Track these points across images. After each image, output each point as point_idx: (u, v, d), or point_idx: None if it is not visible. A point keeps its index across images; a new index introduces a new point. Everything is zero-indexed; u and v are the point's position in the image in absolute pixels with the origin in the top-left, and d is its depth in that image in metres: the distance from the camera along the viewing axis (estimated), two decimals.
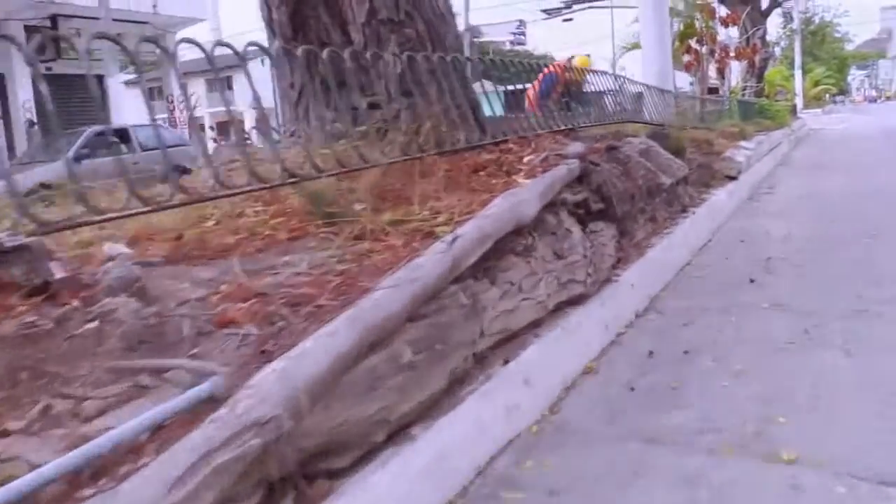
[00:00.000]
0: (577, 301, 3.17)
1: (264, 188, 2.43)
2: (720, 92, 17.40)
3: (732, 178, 7.51)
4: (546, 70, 8.39)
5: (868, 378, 2.68)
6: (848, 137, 17.36)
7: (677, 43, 14.54)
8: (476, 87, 5.22)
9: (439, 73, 3.67)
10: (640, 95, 7.93)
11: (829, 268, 4.37)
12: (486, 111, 4.87)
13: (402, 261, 2.16)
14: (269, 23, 4.31)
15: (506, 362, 2.50)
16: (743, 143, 9.25)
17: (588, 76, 7.05)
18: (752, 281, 4.14)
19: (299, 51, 3.00)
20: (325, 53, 3.01)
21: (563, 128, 5.01)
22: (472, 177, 3.36)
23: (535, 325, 2.83)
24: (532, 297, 2.80)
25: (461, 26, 40.58)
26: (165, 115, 25.19)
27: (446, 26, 4.20)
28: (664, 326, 3.43)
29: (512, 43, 71.21)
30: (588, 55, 10.42)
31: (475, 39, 52.86)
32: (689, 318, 3.52)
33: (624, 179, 4.45)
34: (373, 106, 3.78)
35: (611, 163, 4.53)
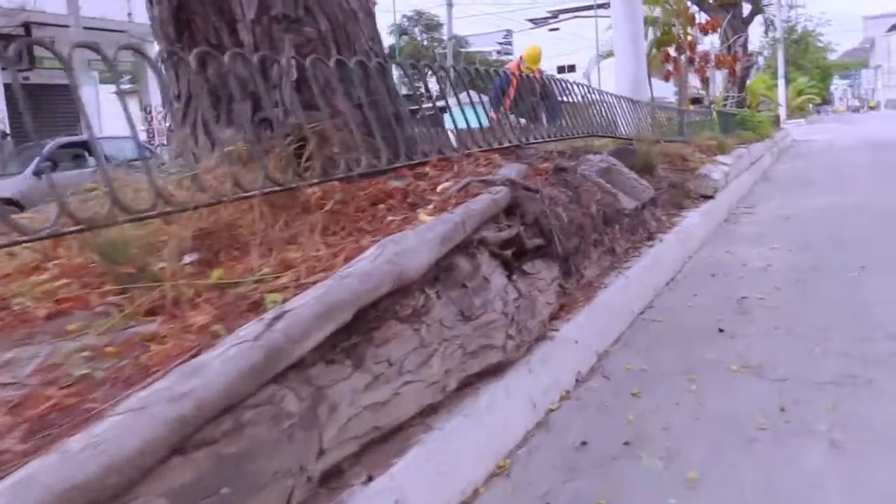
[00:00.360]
0: (493, 372, 2.47)
1: (17, 243, 1.72)
2: (703, 102, 16.78)
3: (708, 198, 6.84)
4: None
5: (862, 490, 1.99)
6: (832, 149, 16.74)
7: (654, 51, 13.88)
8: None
9: (335, 81, 2.97)
10: (607, 106, 7.24)
11: (810, 313, 3.68)
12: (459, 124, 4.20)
13: (187, 354, 1.45)
14: (152, 21, 3.60)
15: (369, 479, 1.80)
16: (721, 158, 8.58)
17: (543, 80, 6.37)
18: (721, 331, 3.45)
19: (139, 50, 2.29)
20: (165, 53, 2.29)
21: (505, 145, 4.31)
22: (366, 211, 2.66)
23: (427, 414, 2.13)
24: (421, 378, 2.10)
25: (445, 35, 39.99)
26: (144, 127, 24.42)
27: (358, 26, 3.49)
28: (608, 399, 2.73)
29: (499, 53, 70.62)
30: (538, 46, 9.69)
31: (461, 49, 52.28)
32: (641, 386, 2.82)
33: (573, 207, 3.76)
34: (268, 121, 3.10)
35: (557, 187, 3.84)
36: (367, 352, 1.94)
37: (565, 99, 6.87)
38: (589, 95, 6.93)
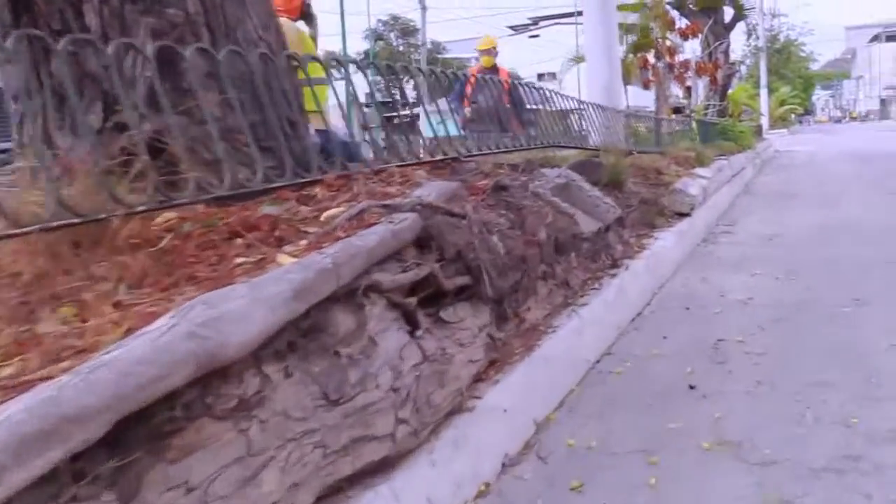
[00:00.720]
0: (376, 472, 1.83)
1: None
2: (685, 111, 16.26)
3: (684, 215, 6.23)
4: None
5: None
6: (816, 161, 16.28)
7: (631, 56, 13.32)
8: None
9: (191, 78, 2.33)
10: (572, 114, 6.65)
11: (800, 362, 3.08)
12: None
13: None
14: None
15: None
16: (699, 171, 7.99)
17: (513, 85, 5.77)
18: (692, 387, 2.84)
19: None
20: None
21: (438, 157, 3.69)
22: (215, 249, 2.01)
23: None
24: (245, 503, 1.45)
25: (419, 41, 39.39)
26: None
27: (243, 9, 2.85)
28: (540, 495, 2.10)
29: (477, 60, 70.08)
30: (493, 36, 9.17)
31: (438, 56, 51.62)
32: (585, 474, 2.19)
33: (515, 234, 3.14)
34: (121, 127, 2.46)
35: (496, 210, 3.22)
36: (148, 474, 1.30)
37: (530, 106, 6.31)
38: (552, 102, 6.33)
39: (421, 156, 3.66)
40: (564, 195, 4.27)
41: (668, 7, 14.80)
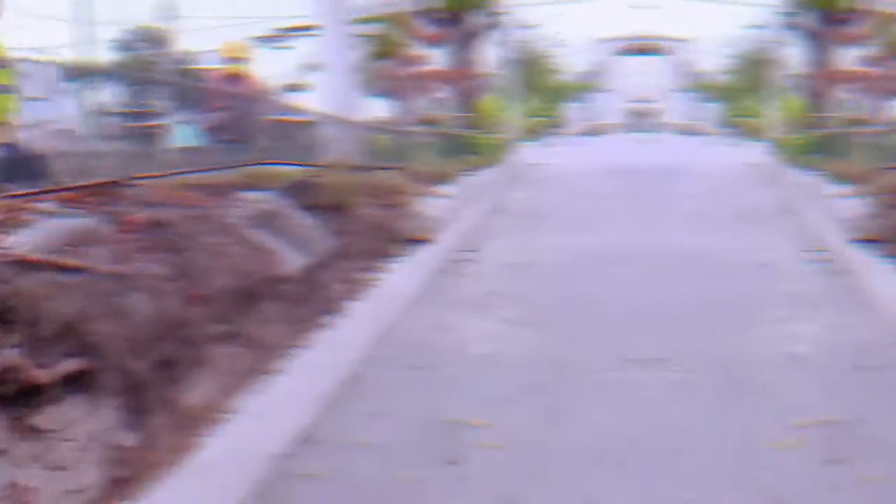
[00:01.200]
0: None
1: None
2: (435, 122, 16.20)
3: (423, 241, 5.80)
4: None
5: None
6: (568, 175, 16.68)
7: (372, 64, 12.98)
8: None
9: None
10: (299, 126, 6.08)
11: (559, 464, 2.56)
12: None
13: None
14: None
15: None
16: (443, 188, 7.67)
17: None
18: None
19: None
20: None
21: (95, 181, 2.94)
22: None
23: None
24: None
25: (172, 51, 37.59)
26: None
27: None
28: None
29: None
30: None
31: (189, 66, 49.25)
32: None
33: (175, 287, 2.45)
34: None
35: (153, 254, 2.52)
36: None
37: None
38: (275, 113, 5.75)
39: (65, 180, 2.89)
40: (269, 225, 3.65)
41: (413, 14, 14.64)
